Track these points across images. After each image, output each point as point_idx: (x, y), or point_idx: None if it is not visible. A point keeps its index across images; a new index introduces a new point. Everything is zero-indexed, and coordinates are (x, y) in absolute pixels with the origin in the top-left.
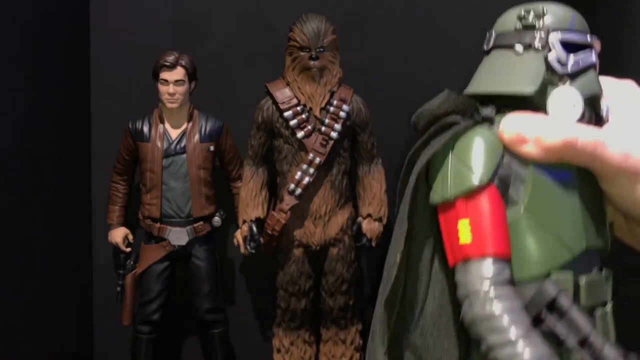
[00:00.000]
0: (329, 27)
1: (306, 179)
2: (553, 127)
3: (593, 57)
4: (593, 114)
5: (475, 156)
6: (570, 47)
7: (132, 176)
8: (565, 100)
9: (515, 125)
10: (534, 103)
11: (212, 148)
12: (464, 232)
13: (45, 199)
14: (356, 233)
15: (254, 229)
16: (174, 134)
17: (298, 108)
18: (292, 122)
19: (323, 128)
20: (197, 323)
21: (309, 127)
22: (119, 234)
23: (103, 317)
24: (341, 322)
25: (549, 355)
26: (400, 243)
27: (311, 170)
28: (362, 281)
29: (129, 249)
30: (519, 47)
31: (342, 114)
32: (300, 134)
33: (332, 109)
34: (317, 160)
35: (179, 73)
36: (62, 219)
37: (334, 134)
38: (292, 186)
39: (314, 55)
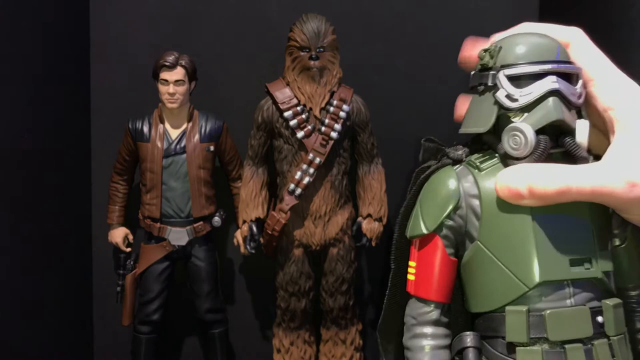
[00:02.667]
0: (329, 27)
1: (306, 179)
2: (543, 177)
3: (550, 85)
4: (554, 139)
5: (428, 205)
6: (530, 78)
7: (132, 176)
8: (516, 136)
9: (506, 180)
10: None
11: (212, 148)
12: (411, 271)
13: (45, 199)
14: (356, 233)
15: (254, 229)
16: (174, 134)
17: (298, 108)
18: (292, 122)
19: (323, 128)
20: (197, 323)
21: (309, 127)
22: (119, 234)
23: (103, 317)
24: (341, 322)
25: None
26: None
27: (311, 170)
28: (362, 281)
29: (129, 249)
30: (480, 88)
31: (342, 114)
32: (300, 134)
33: (332, 109)
34: (317, 160)
35: (179, 73)
36: (62, 219)
37: (334, 134)
38: (292, 186)
39: (314, 55)
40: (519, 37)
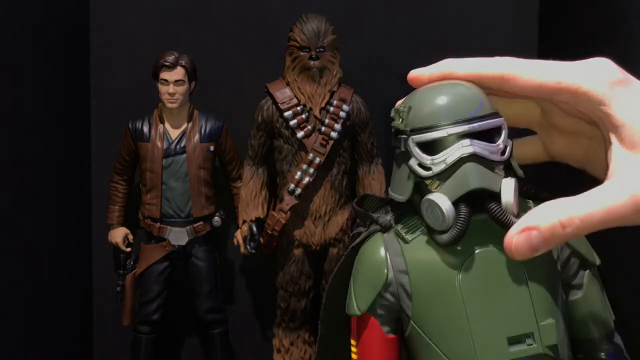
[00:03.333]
0: (329, 27)
1: (306, 179)
2: (552, 222)
3: (463, 150)
4: (479, 203)
5: (359, 282)
6: (445, 141)
7: (132, 176)
8: (432, 209)
9: (518, 240)
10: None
11: (212, 148)
12: (353, 349)
13: (45, 199)
14: None
15: (254, 229)
16: (174, 134)
17: (298, 108)
18: (292, 122)
19: (323, 128)
20: (197, 323)
21: (309, 127)
22: (119, 234)
23: (103, 317)
24: None
25: None
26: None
27: (311, 170)
28: None
29: (129, 249)
30: (397, 151)
31: (342, 114)
32: (300, 134)
33: (332, 109)
34: (317, 160)
35: (179, 73)
36: (62, 219)
37: (333, 134)
38: (292, 186)
39: (314, 55)
40: (431, 95)
